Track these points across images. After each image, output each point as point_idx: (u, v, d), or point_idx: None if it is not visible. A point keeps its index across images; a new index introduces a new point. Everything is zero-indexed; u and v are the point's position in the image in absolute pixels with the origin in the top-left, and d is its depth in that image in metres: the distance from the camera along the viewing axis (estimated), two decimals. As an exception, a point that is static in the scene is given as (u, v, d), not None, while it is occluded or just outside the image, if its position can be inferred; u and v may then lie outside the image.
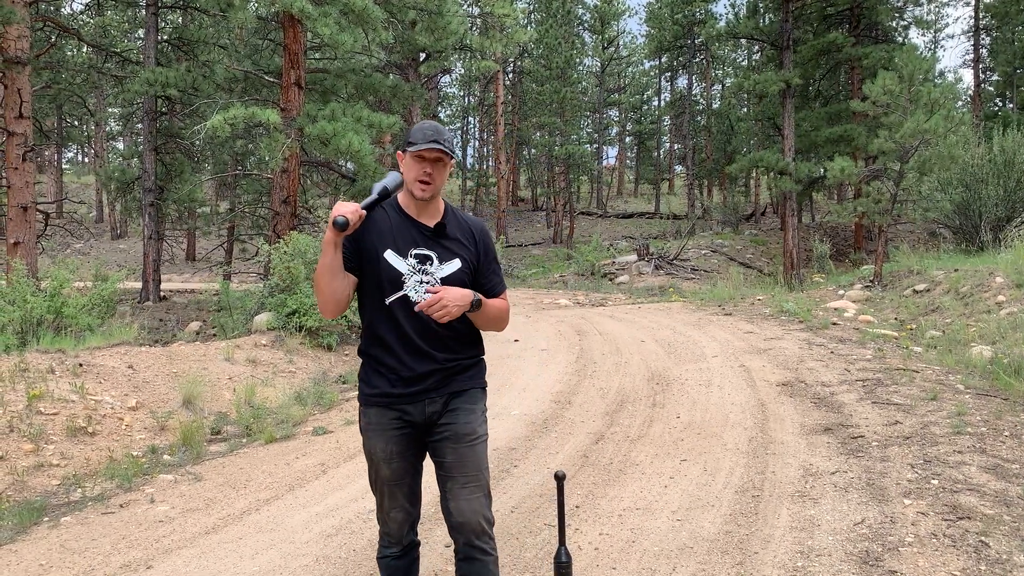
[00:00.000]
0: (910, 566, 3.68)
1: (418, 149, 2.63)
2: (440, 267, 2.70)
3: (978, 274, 10.86)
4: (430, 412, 2.73)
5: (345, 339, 10.74)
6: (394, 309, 2.69)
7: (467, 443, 2.71)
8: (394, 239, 2.70)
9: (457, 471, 2.69)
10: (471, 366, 2.82)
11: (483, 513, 2.68)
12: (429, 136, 2.63)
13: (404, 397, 2.72)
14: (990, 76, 41.05)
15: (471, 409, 2.76)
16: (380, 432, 2.76)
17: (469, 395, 2.78)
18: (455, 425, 2.71)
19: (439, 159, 2.67)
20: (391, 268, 2.67)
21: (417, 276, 2.68)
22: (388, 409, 2.74)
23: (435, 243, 2.72)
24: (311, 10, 12.32)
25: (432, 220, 2.75)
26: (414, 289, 2.67)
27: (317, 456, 6.06)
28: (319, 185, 23.00)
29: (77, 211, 39.70)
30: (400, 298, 2.68)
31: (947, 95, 13.63)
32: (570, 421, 6.73)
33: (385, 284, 2.68)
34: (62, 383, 6.59)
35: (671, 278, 22.26)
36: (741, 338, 10.36)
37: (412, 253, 2.69)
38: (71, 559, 4.15)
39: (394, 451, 2.75)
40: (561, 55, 33.61)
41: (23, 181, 12.84)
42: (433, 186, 2.68)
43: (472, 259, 2.76)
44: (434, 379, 2.72)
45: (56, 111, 34.64)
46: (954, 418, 5.99)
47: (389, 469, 2.77)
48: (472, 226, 2.84)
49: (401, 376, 2.71)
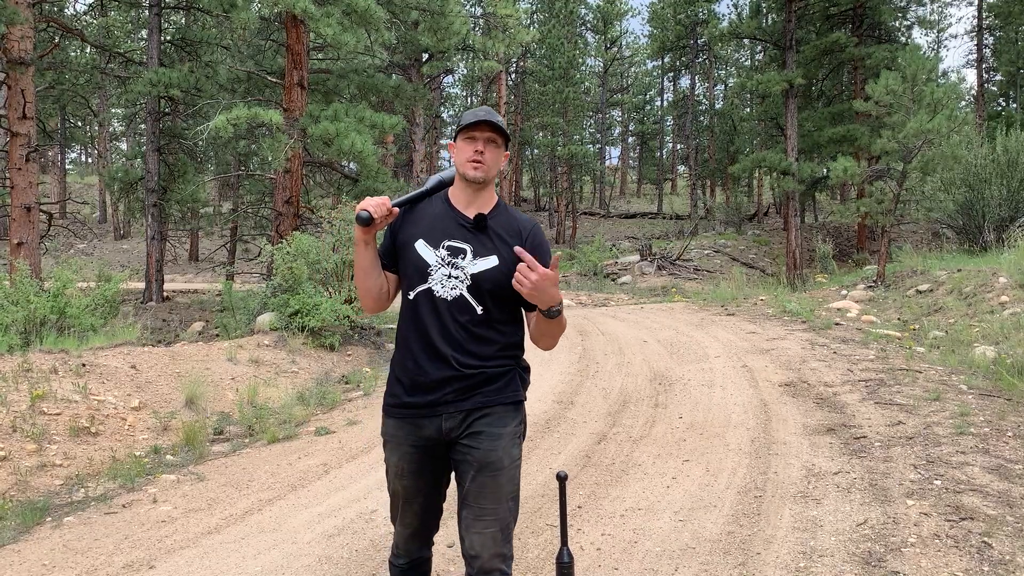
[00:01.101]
0: (913, 567, 3.67)
1: (469, 127, 2.46)
2: (473, 262, 2.45)
3: (981, 274, 10.84)
4: (448, 428, 2.46)
5: (348, 339, 10.74)
6: (417, 304, 2.47)
7: (489, 473, 2.44)
8: (429, 228, 2.50)
9: (473, 501, 2.45)
10: (500, 376, 2.50)
11: (496, 550, 2.45)
12: (481, 115, 2.46)
13: (419, 409, 2.48)
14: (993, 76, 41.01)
15: (497, 434, 2.46)
16: (395, 446, 2.55)
17: (494, 414, 2.47)
18: (478, 451, 2.44)
19: (491, 139, 2.47)
20: (419, 258, 2.47)
21: (445, 269, 2.45)
22: (403, 422, 2.52)
23: (472, 236, 2.48)
24: (314, 10, 12.34)
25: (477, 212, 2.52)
26: (440, 283, 2.44)
27: (320, 456, 6.06)
28: (322, 185, 23.02)
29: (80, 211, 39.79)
30: (424, 292, 2.45)
31: (950, 95, 13.60)
32: (572, 421, 6.73)
33: (412, 275, 2.48)
34: (65, 383, 6.60)
35: (674, 278, 22.26)
36: (744, 338, 10.35)
37: (444, 244, 2.47)
38: (74, 559, 4.16)
39: (406, 469, 2.54)
40: (564, 55, 33.63)
41: (26, 181, 12.86)
42: (485, 166, 2.46)
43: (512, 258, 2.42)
44: (452, 389, 2.44)
45: (59, 111, 34.68)
46: (957, 418, 5.98)
47: (400, 485, 2.58)
48: (521, 224, 2.56)
49: (417, 381, 2.47)
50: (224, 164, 27.53)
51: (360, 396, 8.25)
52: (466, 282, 2.44)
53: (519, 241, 2.49)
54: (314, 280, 10.81)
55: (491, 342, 2.48)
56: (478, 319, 2.45)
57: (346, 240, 11.16)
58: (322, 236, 11.93)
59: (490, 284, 2.44)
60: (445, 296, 2.44)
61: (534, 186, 48.30)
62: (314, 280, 10.81)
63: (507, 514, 2.50)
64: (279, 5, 12.63)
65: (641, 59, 50.31)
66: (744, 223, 33.11)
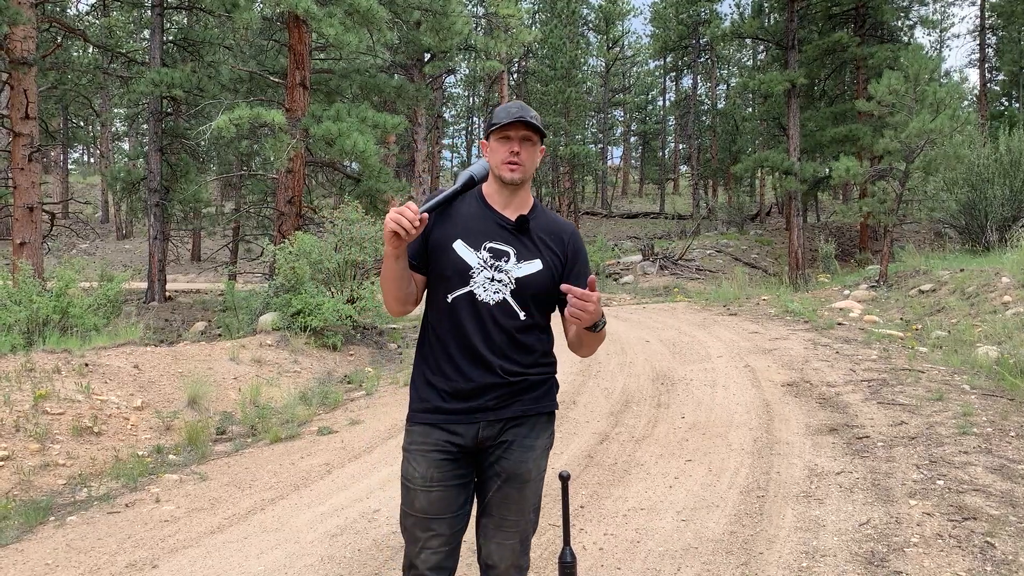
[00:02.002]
0: (915, 567, 3.67)
1: (503, 127, 2.33)
2: (517, 265, 2.35)
3: (984, 274, 10.83)
4: (484, 436, 2.36)
5: (350, 339, 10.75)
6: (457, 307, 2.34)
7: (516, 485, 2.37)
8: (467, 229, 2.37)
9: (497, 511, 2.39)
10: (540, 383, 2.43)
11: (515, 562, 2.41)
12: (514, 113, 2.33)
13: (456, 414, 2.34)
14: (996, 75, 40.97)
15: (530, 445, 2.39)
16: (423, 454, 2.35)
17: (531, 425, 2.41)
18: (508, 462, 2.37)
19: (527, 137, 2.36)
20: (459, 260, 2.33)
21: (488, 272, 2.33)
22: (435, 428, 2.36)
23: (515, 239, 2.37)
24: (316, 10, 12.35)
25: (516, 214, 2.41)
26: (483, 287, 2.32)
27: (322, 456, 6.07)
28: (324, 185, 23.06)
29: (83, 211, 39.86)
30: (465, 295, 2.33)
31: (953, 95, 13.59)
32: (575, 421, 6.73)
33: (451, 277, 2.34)
34: (68, 383, 6.61)
35: (676, 278, 22.26)
36: (746, 338, 10.34)
37: (486, 246, 2.35)
38: (77, 558, 4.16)
39: (436, 476, 2.33)
40: (566, 55, 33.63)
41: (29, 181, 12.88)
42: (523, 167, 2.35)
43: (557, 264, 2.39)
44: (494, 395, 2.34)
45: (62, 112, 34.72)
46: (960, 418, 5.97)
47: (427, 499, 2.33)
48: (562, 228, 2.48)
49: (456, 388, 2.34)
50: (226, 164, 27.54)
51: (362, 396, 8.25)
52: (510, 286, 2.33)
53: (561, 246, 2.42)
54: (316, 280, 10.82)
55: (532, 349, 2.40)
56: (521, 325, 2.36)
57: (348, 240, 11.17)
58: (324, 236, 11.94)
59: (534, 289, 2.36)
60: (488, 300, 2.33)
61: (536, 186, 48.23)
62: (316, 280, 10.82)
63: (528, 526, 2.46)
64: (281, 5, 12.66)
65: (643, 59, 50.27)
66: (746, 223, 33.09)
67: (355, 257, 11.01)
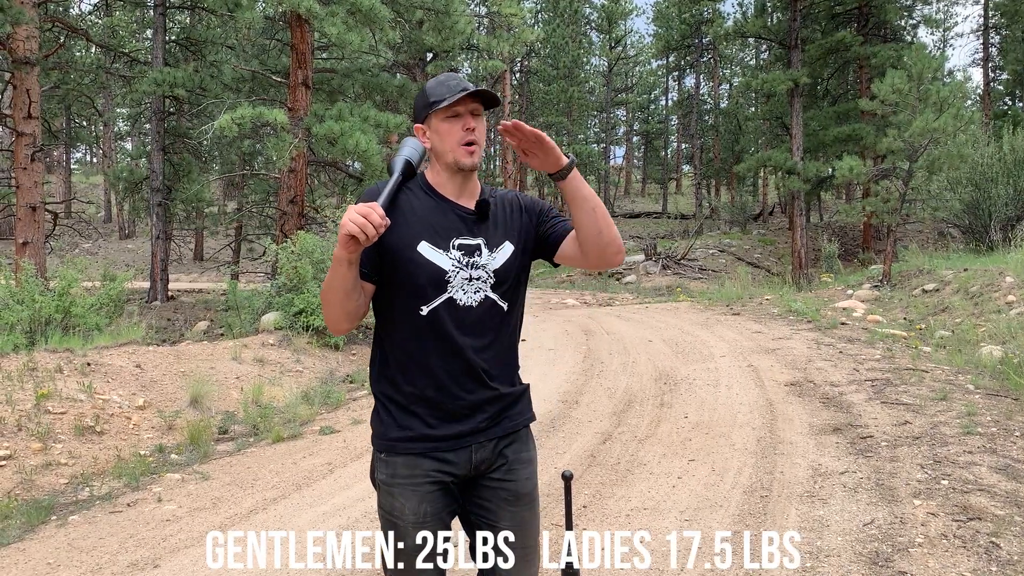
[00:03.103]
0: (920, 567, 3.65)
1: (450, 103, 2.03)
2: (492, 256, 2.10)
3: (988, 274, 10.80)
4: (478, 461, 2.11)
5: (352, 339, 10.74)
6: (437, 319, 2.04)
7: (526, 505, 2.18)
8: (429, 227, 2.07)
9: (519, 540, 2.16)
10: (522, 394, 2.23)
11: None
12: (456, 86, 2.04)
13: (447, 440, 2.07)
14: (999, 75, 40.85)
15: (528, 459, 2.20)
16: (412, 488, 2.07)
17: (522, 439, 2.20)
18: (514, 484, 2.15)
19: (476, 111, 2.08)
20: (429, 265, 2.03)
21: (465, 272, 2.06)
22: (423, 458, 2.07)
23: (480, 227, 2.12)
24: (318, 10, 12.34)
25: (472, 200, 2.14)
26: (461, 289, 2.05)
27: (324, 456, 6.06)
28: (326, 185, 23.03)
29: (85, 211, 39.89)
30: (444, 303, 2.04)
31: (956, 94, 13.57)
32: (577, 421, 6.71)
33: (421, 287, 2.03)
34: (70, 382, 6.61)
35: (679, 278, 22.24)
36: (749, 338, 10.32)
37: (455, 244, 2.07)
38: (79, 558, 4.16)
39: (429, 511, 2.07)
40: (568, 55, 33.63)
41: (32, 181, 12.89)
42: (479, 147, 2.09)
43: (523, 232, 2.17)
44: (488, 413, 2.11)
45: (65, 111, 34.73)
46: (964, 418, 5.95)
47: (420, 538, 2.07)
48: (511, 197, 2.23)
49: (444, 411, 2.07)
50: (229, 163, 27.55)
51: (365, 395, 8.25)
52: (490, 280, 2.09)
53: (519, 215, 2.19)
54: (319, 279, 10.81)
55: (514, 349, 2.22)
56: (504, 319, 2.14)
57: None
58: (327, 235, 11.94)
59: (511, 274, 2.14)
60: (470, 303, 2.06)
61: (538, 185, 48.29)
62: (319, 279, 10.81)
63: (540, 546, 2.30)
64: (284, 4, 12.65)
65: (646, 58, 50.26)
66: (749, 222, 33.06)
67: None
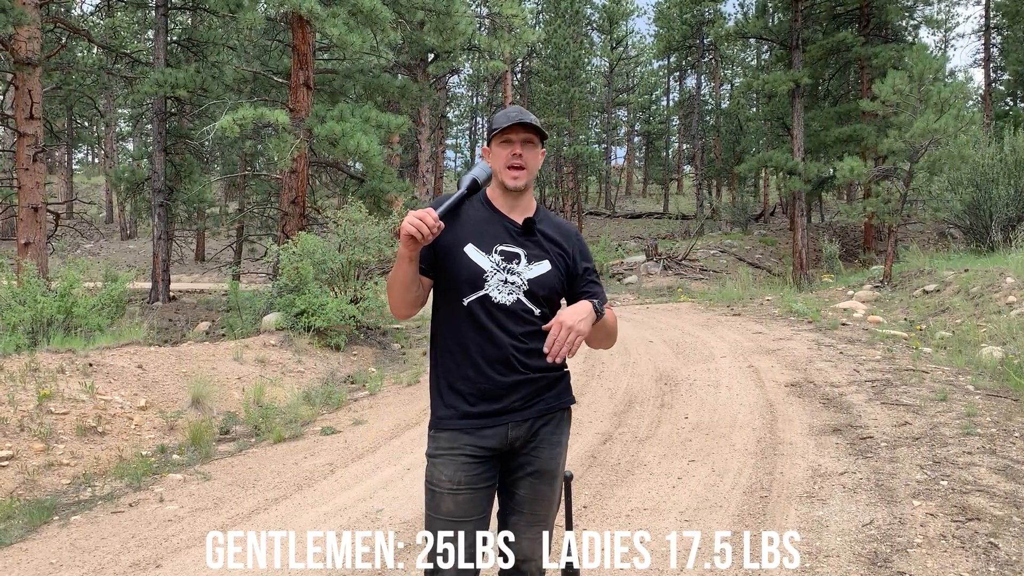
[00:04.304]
0: (919, 567, 3.66)
1: (503, 130, 2.40)
2: (528, 267, 2.41)
3: (988, 274, 10.81)
4: (513, 438, 2.40)
5: (353, 339, 10.76)
6: (474, 310, 2.37)
7: (548, 481, 2.45)
8: (478, 233, 2.42)
9: (529, 508, 2.45)
10: (559, 380, 2.51)
11: (543, 552, 2.50)
12: (514, 116, 2.39)
13: (484, 418, 2.38)
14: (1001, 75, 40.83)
15: (557, 441, 2.48)
16: (450, 459, 2.37)
17: (556, 421, 2.48)
18: (539, 461, 2.44)
19: (528, 140, 2.41)
20: (472, 264, 2.38)
21: (501, 275, 2.38)
22: (463, 433, 2.38)
23: (524, 240, 2.44)
24: (320, 11, 12.36)
25: (523, 216, 2.47)
26: (497, 289, 2.37)
27: (325, 456, 6.08)
28: (328, 185, 23.06)
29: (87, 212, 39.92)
30: (480, 298, 2.37)
31: (957, 94, 13.56)
32: (578, 421, 6.72)
33: (463, 282, 2.38)
34: (72, 383, 6.63)
35: (680, 278, 22.23)
36: (750, 338, 10.33)
37: (497, 249, 2.40)
38: (81, 558, 4.18)
39: (464, 480, 2.36)
40: (569, 55, 33.59)
41: (34, 182, 12.91)
42: (526, 171, 2.42)
43: (564, 263, 2.47)
44: (519, 395, 2.39)
45: (66, 112, 34.78)
46: (964, 419, 5.96)
47: (455, 502, 2.35)
48: (567, 229, 2.56)
49: (481, 391, 2.38)
50: (230, 164, 27.58)
51: (366, 396, 8.27)
52: (523, 287, 2.39)
53: (568, 245, 2.50)
54: (320, 280, 10.83)
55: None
56: (536, 322, 2.41)
57: (351, 240, 11.18)
58: (328, 236, 11.95)
59: (545, 288, 2.42)
60: (503, 302, 2.37)
61: (540, 186, 48.24)
62: (320, 280, 10.83)
63: (554, 516, 2.55)
64: (285, 5, 12.66)
65: (647, 59, 50.21)
66: (750, 223, 33.04)
67: (358, 257, 11.02)
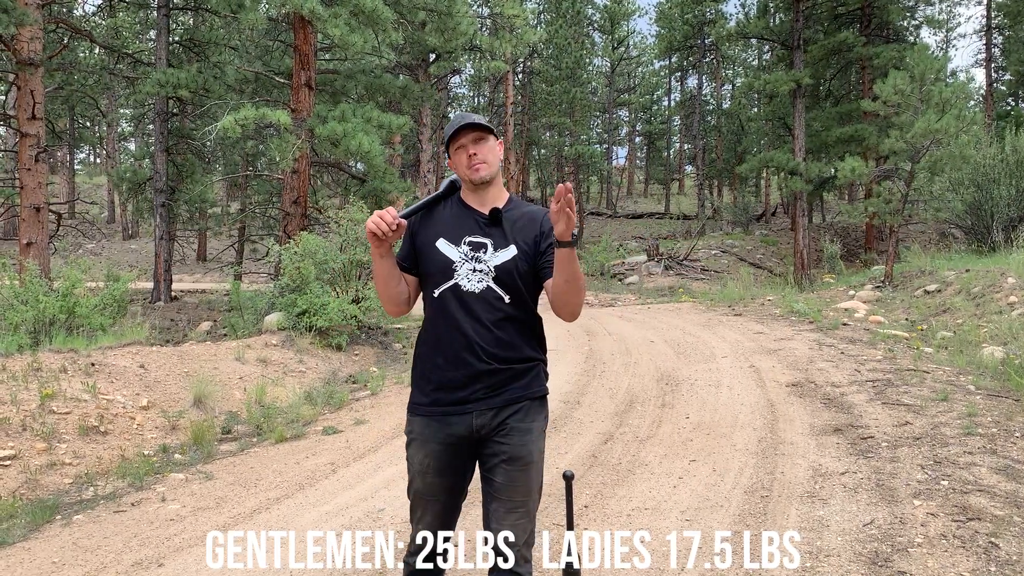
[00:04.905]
0: (919, 567, 3.67)
1: (452, 139, 2.55)
2: (495, 254, 2.52)
3: (990, 275, 10.80)
4: (478, 425, 2.51)
5: (355, 339, 10.77)
6: (445, 301, 2.52)
7: (521, 467, 2.52)
8: (448, 228, 2.57)
9: (506, 494, 2.51)
10: (526, 371, 2.57)
11: (527, 539, 2.55)
12: (457, 123, 2.54)
13: (450, 405, 2.52)
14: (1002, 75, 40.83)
15: (527, 429, 2.53)
16: (422, 444, 2.55)
17: (524, 410, 2.54)
18: (509, 447, 2.50)
19: (478, 137, 2.54)
20: (442, 256, 2.54)
21: (470, 264, 2.51)
22: (431, 420, 2.54)
23: (491, 230, 2.56)
24: (321, 11, 12.37)
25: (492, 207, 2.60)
26: (466, 277, 2.50)
27: (327, 455, 6.09)
28: (329, 186, 23.08)
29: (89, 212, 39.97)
30: (451, 288, 2.51)
31: (959, 95, 13.56)
32: (579, 421, 6.73)
33: (435, 274, 2.54)
34: (74, 382, 6.64)
35: (681, 278, 22.23)
36: (751, 338, 10.34)
37: (465, 240, 2.54)
38: (83, 557, 4.19)
39: (432, 466, 2.54)
40: (571, 55, 33.59)
41: (35, 182, 12.93)
42: (485, 163, 2.54)
43: (531, 245, 2.55)
44: (484, 385, 2.50)
45: (68, 112, 34.84)
46: (965, 419, 5.97)
47: (423, 482, 2.57)
48: (535, 212, 2.64)
49: (449, 379, 2.52)
50: (232, 164, 27.61)
51: (367, 396, 8.28)
52: (491, 274, 2.50)
53: (535, 229, 2.56)
54: (321, 280, 10.84)
55: (519, 334, 2.55)
56: (506, 309, 2.52)
57: (353, 240, 11.19)
58: (330, 236, 11.96)
59: (513, 274, 2.52)
60: (472, 289, 2.50)
61: (541, 186, 48.29)
62: (321, 280, 10.84)
63: (534, 505, 2.60)
64: (287, 6, 12.67)
65: (648, 59, 50.20)
66: (751, 223, 33.03)
67: (360, 257, 11.03)
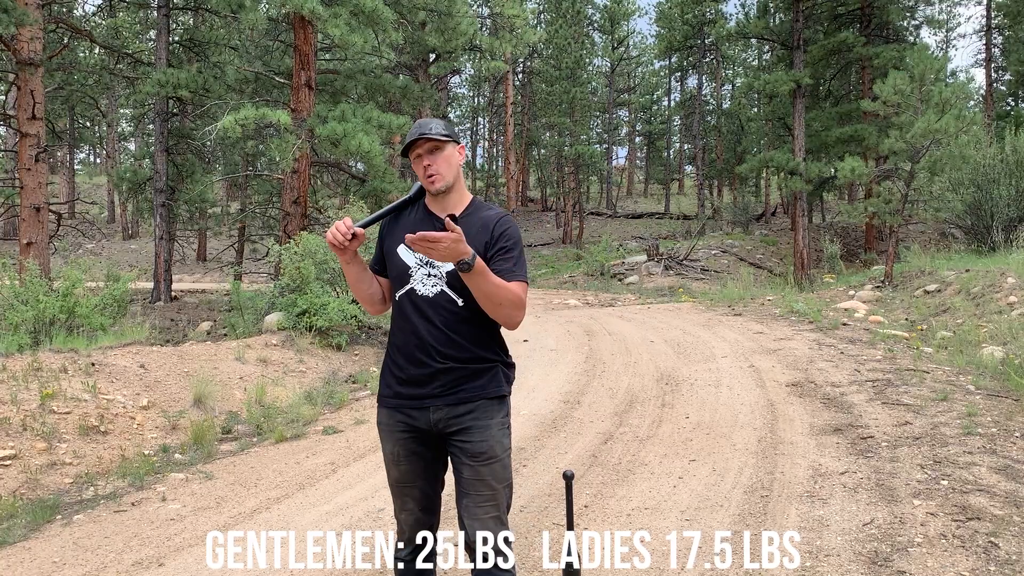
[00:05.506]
0: (919, 566, 3.67)
1: (408, 151, 2.65)
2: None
3: (989, 275, 10.81)
4: (435, 420, 2.60)
5: (355, 339, 10.77)
6: (403, 304, 2.64)
7: (484, 461, 2.58)
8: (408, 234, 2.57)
9: (473, 489, 2.59)
10: (482, 372, 2.63)
11: (502, 532, 2.60)
12: (412, 134, 2.63)
13: (410, 399, 2.63)
14: (1002, 75, 40.85)
15: (484, 426, 2.60)
16: (388, 434, 2.68)
17: (480, 408, 2.61)
18: (469, 444, 2.58)
19: (434, 148, 2.62)
20: (400, 262, 2.65)
21: (424, 269, 2.61)
22: (395, 411, 2.67)
23: None
24: (322, 11, 12.37)
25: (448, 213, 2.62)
26: (421, 282, 2.61)
27: (327, 455, 6.09)
28: (329, 186, 23.09)
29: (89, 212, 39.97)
30: (407, 292, 2.63)
31: (958, 95, 13.56)
32: (579, 421, 6.74)
33: (395, 279, 2.68)
34: (75, 382, 6.64)
35: (681, 278, 22.23)
36: (751, 338, 10.34)
37: None
38: (84, 557, 4.19)
39: (401, 454, 2.67)
40: (571, 55, 33.59)
41: (36, 182, 12.93)
42: (439, 175, 2.63)
43: (480, 252, 2.54)
44: (438, 383, 2.59)
45: (68, 112, 34.84)
46: (964, 419, 5.97)
47: (397, 470, 2.70)
48: (491, 217, 2.68)
49: (408, 376, 2.62)
50: (232, 164, 27.60)
51: (367, 395, 8.28)
52: (444, 279, 2.59)
53: (487, 232, 2.61)
54: (322, 280, 10.84)
55: (473, 336, 2.61)
56: (460, 312, 2.59)
57: (353, 240, 11.17)
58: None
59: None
60: (427, 293, 2.60)
61: (541, 186, 48.31)
62: (322, 280, 10.84)
63: (503, 499, 2.65)
64: (287, 6, 12.68)
65: (648, 59, 50.26)
66: (751, 223, 33.02)
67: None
